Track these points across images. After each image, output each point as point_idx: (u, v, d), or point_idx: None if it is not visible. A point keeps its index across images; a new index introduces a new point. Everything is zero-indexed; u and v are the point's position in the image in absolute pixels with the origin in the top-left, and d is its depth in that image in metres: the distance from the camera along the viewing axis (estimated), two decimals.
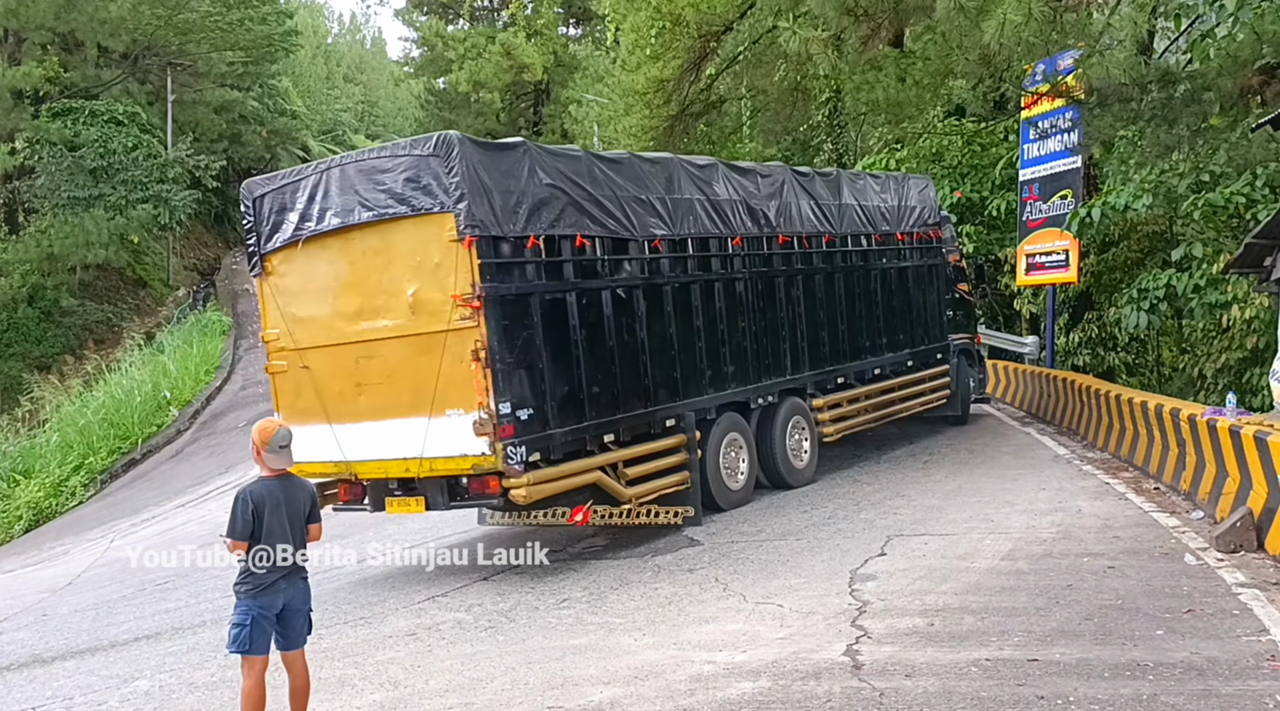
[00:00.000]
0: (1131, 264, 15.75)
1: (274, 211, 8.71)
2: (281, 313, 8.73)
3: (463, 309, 7.75)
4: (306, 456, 8.08)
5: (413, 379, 8.02)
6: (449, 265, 7.78)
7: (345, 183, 8.29)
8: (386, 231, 8.12)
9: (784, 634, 6.59)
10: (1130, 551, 7.90)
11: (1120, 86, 12.87)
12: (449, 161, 7.78)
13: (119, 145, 35.05)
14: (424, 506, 8.37)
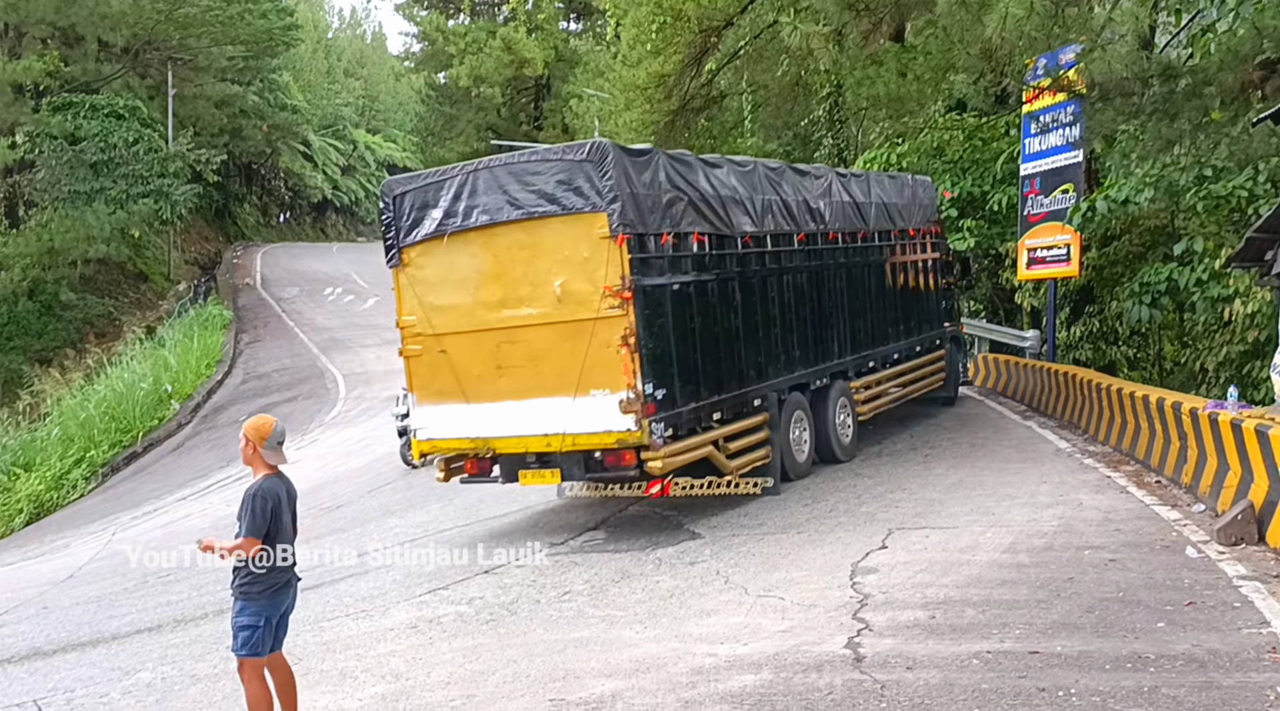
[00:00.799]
0: (1133, 258, 15.72)
1: (415, 208, 9.38)
2: (419, 301, 9.42)
3: (612, 299, 8.55)
4: (443, 433, 9.29)
5: (557, 362, 8.77)
6: (599, 259, 8.59)
7: (494, 183, 9.01)
8: (533, 228, 8.90)
9: (785, 626, 6.60)
10: (1131, 544, 7.91)
11: (1122, 81, 12.85)
12: (603, 166, 8.59)
13: (120, 139, 35.02)
14: (559, 478, 9.15)
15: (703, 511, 10.10)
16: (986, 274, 19.84)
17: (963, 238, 17.78)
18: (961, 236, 17.79)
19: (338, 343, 28.70)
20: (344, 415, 20.18)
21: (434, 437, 9.41)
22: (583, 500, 11.02)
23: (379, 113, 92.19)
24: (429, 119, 62.43)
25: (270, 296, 39.39)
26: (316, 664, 6.80)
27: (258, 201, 68.50)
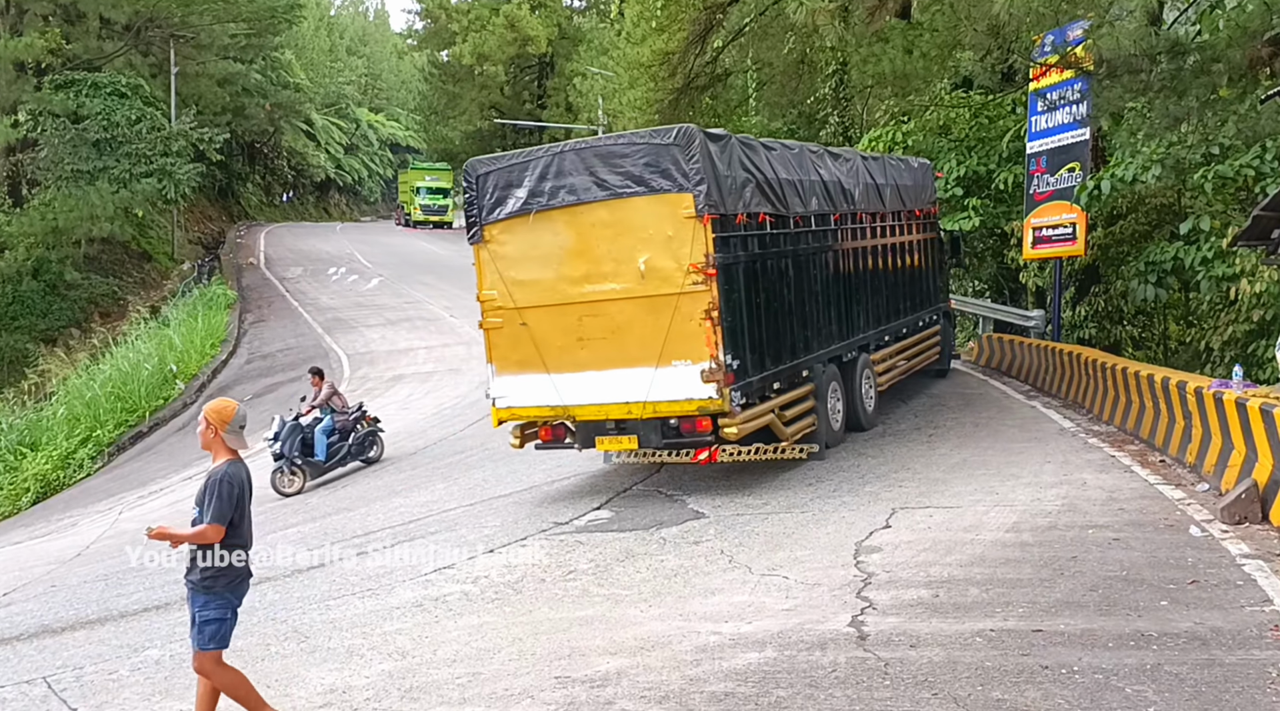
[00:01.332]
0: (1139, 237, 15.65)
1: (498, 188, 9.77)
2: (500, 276, 9.80)
3: (696, 275, 9.06)
4: (524, 401, 9.80)
5: (639, 334, 9.26)
6: (684, 237, 9.07)
7: (579, 164, 9.45)
8: (618, 207, 9.32)
9: (789, 605, 6.63)
10: (1135, 523, 7.92)
11: (1130, 58, 12.74)
12: (689, 150, 9.05)
13: (122, 118, 34.90)
14: (636, 444, 9.58)
15: (706, 491, 10.13)
16: (991, 253, 19.77)
17: (968, 217, 17.70)
18: (967, 215, 17.72)
19: (342, 322, 28.72)
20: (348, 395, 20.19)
21: (513, 405, 9.89)
22: (586, 481, 11.05)
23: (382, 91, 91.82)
24: (432, 97, 62.23)
25: (274, 276, 39.37)
26: (323, 641, 6.85)
27: (261, 181, 68.40)
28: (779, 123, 29.05)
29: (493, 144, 61.04)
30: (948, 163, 18.46)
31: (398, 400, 18.93)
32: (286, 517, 11.35)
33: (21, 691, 6.46)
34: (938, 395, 14.53)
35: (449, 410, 17.05)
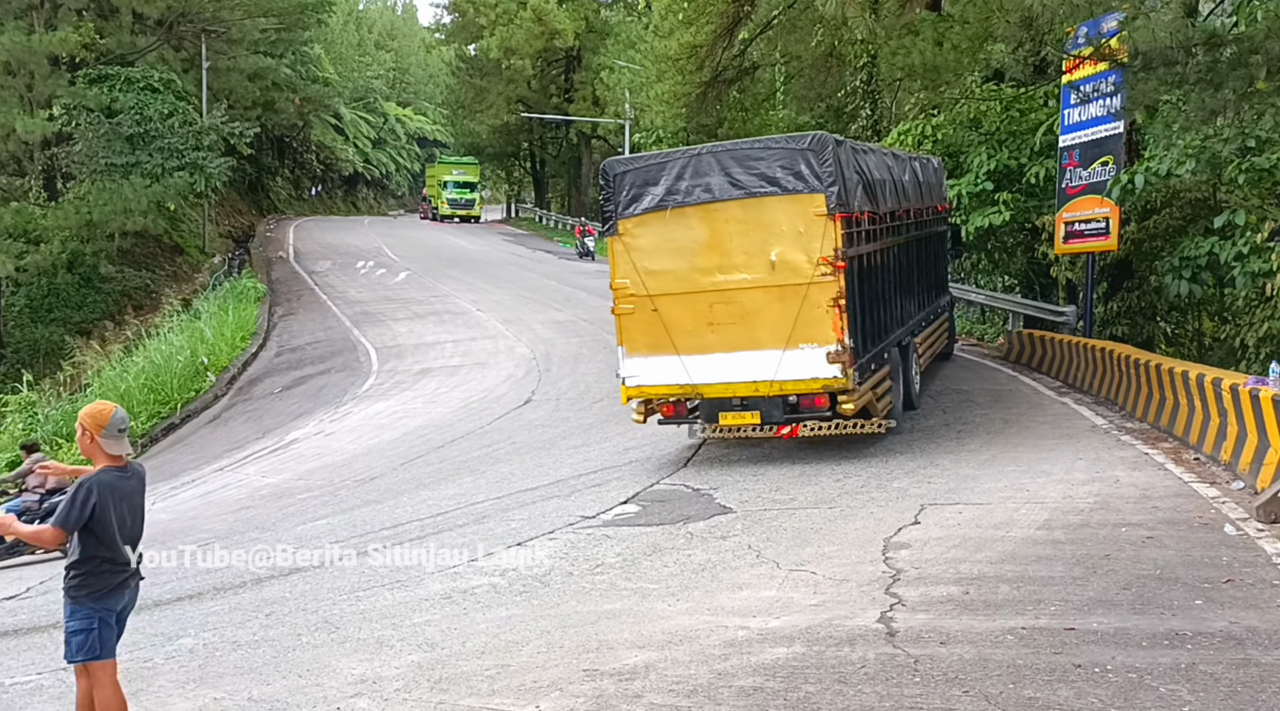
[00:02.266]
0: (1173, 231, 15.43)
1: (635, 185, 10.61)
2: (634, 266, 10.63)
3: (826, 267, 9.97)
4: (653, 380, 10.69)
5: (768, 320, 10.19)
6: (814, 233, 9.99)
7: (715, 165, 10.33)
8: (752, 205, 10.22)
9: (817, 601, 6.61)
10: (1169, 521, 7.83)
11: (1165, 49, 12.53)
12: (823, 155, 9.98)
13: (155, 112, 35.25)
14: (759, 419, 10.48)
15: (734, 486, 10.12)
16: (1022, 248, 19.57)
17: (998, 211, 17.55)
18: (997, 210, 17.56)
19: (370, 316, 28.89)
20: (376, 388, 20.34)
21: (642, 384, 10.77)
22: (614, 475, 11.07)
23: (409, 85, 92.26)
24: (459, 91, 62.42)
25: (303, 270, 39.67)
26: (353, 632, 6.91)
27: (290, 174, 68.96)
28: (807, 116, 28.93)
29: (519, 138, 61.21)
30: (978, 156, 18.29)
31: (425, 393, 19.03)
32: (317, 509, 11.45)
33: (59, 678, 6.56)
34: (966, 391, 14.42)
35: (476, 403, 17.13)
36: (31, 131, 32.47)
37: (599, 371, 18.14)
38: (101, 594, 4.86)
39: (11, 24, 32.76)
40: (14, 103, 32.79)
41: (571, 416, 14.95)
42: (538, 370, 19.14)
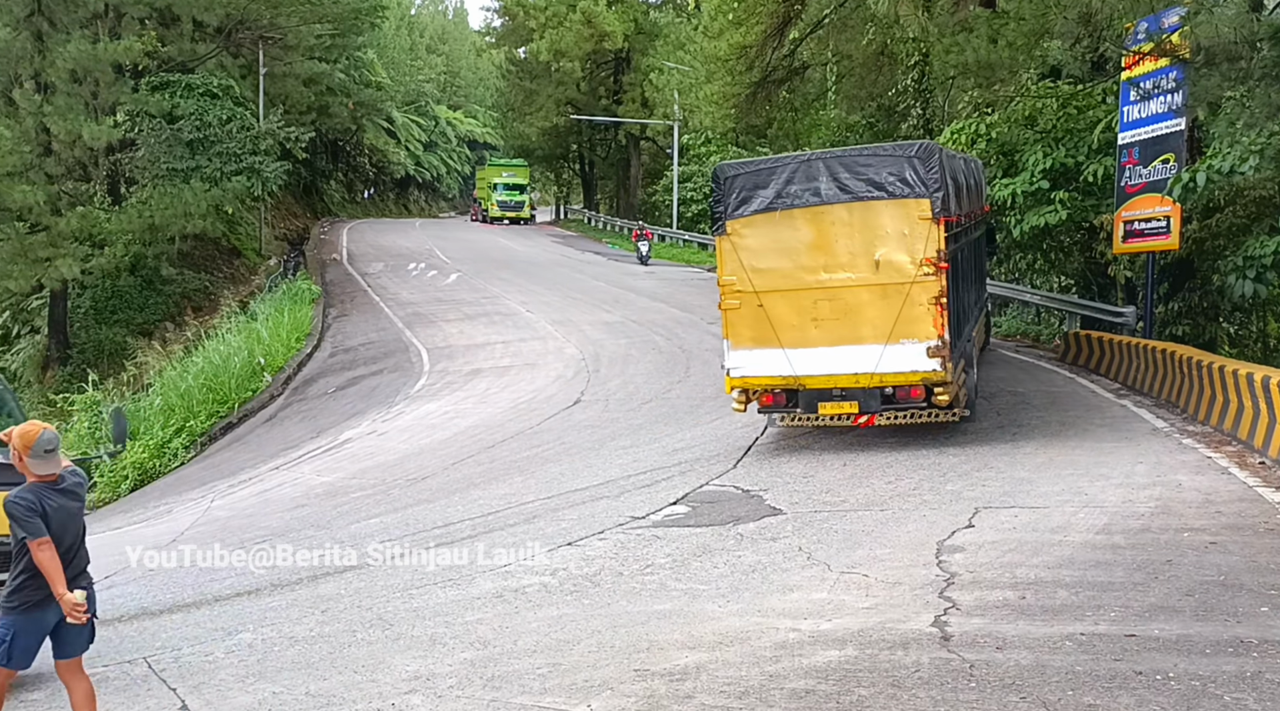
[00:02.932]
0: (1237, 230, 15.04)
1: (745, 188, 11.18)
2: (740, 264, 11.18)
3: (928, 267, 10.57)
4: (757, 372, 11.22)
5: (870, 317, 10.78)
6: (918, 236, 10.59)
7: (825, 171, 10.91)
8: (857, 209, 10.80)
9: (870, 604, 6.55)
10: (1233, 527, 7.64)
11: (1229, 44, 12.27)
12: (930, 162, 10.59)
13: (214, 118, 36.01)
14: (857, 408, 11.03)
15: (784, 487, 10.06)
16: (1079, 247, 19.21)
17: (1055, 210, 17.23)
18: (1054, 209, 17.25)
19: (421, 317, 29.20)
20: (427, 389, 20.55)
21: (746, 375, 11.29)
22: (663, 476, 11.06)
23: (460, 88, 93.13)
24: (509, 94, 62.83)
25: (356, 272, 40.22)
26: (407, 629, 6.99)
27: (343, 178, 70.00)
28: (858, 115, 28.70)
29: (569, 140, 61.43)
30: (1034, 155, 17.98)
31: (475, 393, 19.19)
32: (370, 508, 11.60)
33: (124, 670, 6.73)
34: (1022, 393, 14.19)
35: (525, 404, 17.23)
36: (97, 138, 33.30)
37: (648, 372, 18.15)
38: (31, 606, 4.91)
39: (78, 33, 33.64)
40: (80, 110, 33.65)
41: (620, 417, 14.97)
42: (587, 371, 19.20)
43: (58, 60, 32.63)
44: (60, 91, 33.48)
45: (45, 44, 33.25)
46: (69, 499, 5.11)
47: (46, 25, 33.54)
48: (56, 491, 5.03)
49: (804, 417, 11.41)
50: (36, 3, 32.88)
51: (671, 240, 42.13)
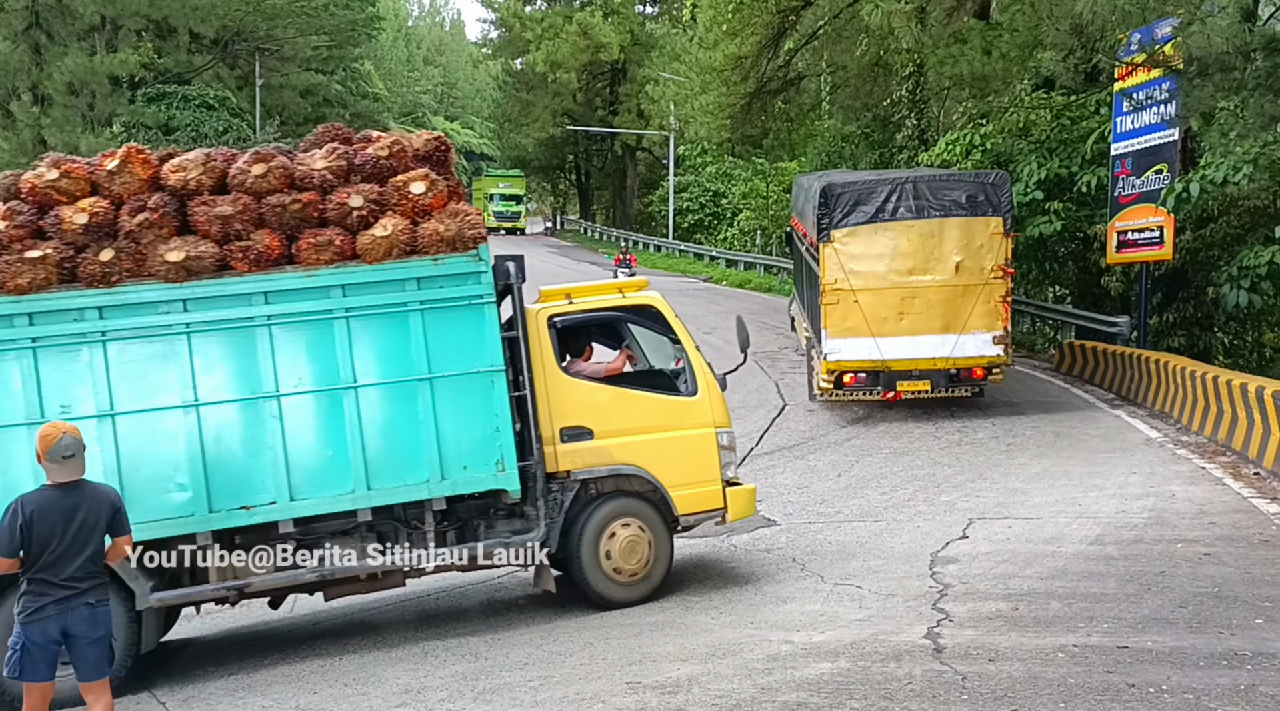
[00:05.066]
0: (1231, 241, 15.07)
1: (849, 204, 13.17)
2: (841, 267, 13.10)
3: (997, 272, 12.95)
4: (850, 356, 13.05)
5: (947, 311, 12.93)
6: (990, 247, 12.98)
7: (917, 191, 13.11)
8: (943, 223, 13.03)
9: (863, 615, 6.53)
10: (1227, 538, 7.62)
11: (1222, 55, 12.31)
12: (1002, 189, 13.20)
13: (211, 129, 36.05)
14: (929, 386, 13.03)
15: (778, 498, 10.05)
16: (1073, 258, 19.24)
17: (1049, 221, 17.26)
18: (1048, 219, 17.28)
19: None
20: None
21: (842, 359, 13.04)
22: None
23: (457, 100, 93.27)
24: (506, 105, 62.91)
25: None
26: (399, 642, 6.95)
27: None
28: (853, 126, 28.73)
29: (565, 151, 61.55)
30: (1028, 165, 18.02)
31: None
32: None
33: None
34: (1016, 404, 14.18)
35: None
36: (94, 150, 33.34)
37: None
38: (27, 617, 4.72)
39: (75, 46, 33.72)
40: (77, 122, 33.71)
41: None
42: None
43: (55, 73, 32.73)
44: (57, 103, 33.56)
45: (43, 56, 33.35)
46: (79, 501, 4.80)
47: (44, 38, 33.64)
48: (64, 498, 4.76)
49: (879, 392, 13.25)
50: (34, 16, 32.96)
51: (668, 250, 42.18)
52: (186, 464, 6.41)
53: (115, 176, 6.59)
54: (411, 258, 6.71)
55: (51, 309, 6.33)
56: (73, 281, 6.41)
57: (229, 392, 6.53)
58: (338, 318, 6.63)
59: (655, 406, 7.48)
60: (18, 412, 6.25)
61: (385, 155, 6.92)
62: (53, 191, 6.54)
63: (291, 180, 6.75)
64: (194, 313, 6.49)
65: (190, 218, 6.60)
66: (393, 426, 6.69)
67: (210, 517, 6.43)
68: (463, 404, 6.75)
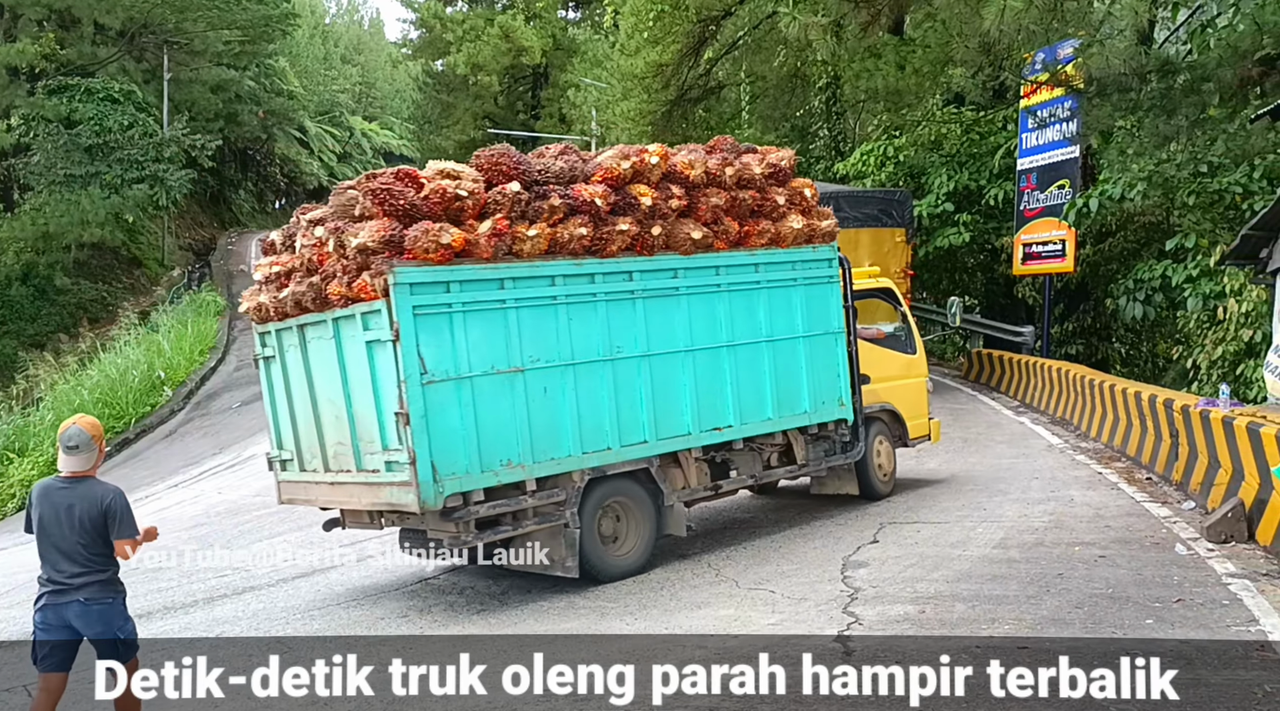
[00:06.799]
0: (1128, 254, 15.75)
1: None
2: None
3: (901, 273, 14.90)
4: None
5: None
6: (896, 253, 15.07)
7: (839, 204, 13.47)
8: (858, 232, 14.44)
9: (775, 619, 6.62)
10: (1121, 541, 7.93)
11: (1120, 76, 12.83)
12: (905, 204, 15.66)
13: (115, 123, 34.83)
14: None
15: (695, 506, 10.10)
16: (982, 269, 19.84)
17: (958, 232, 17.78)
18: (957, 231, 17.79)
19: None
20: None
21: None
22: None
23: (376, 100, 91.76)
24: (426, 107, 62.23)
25: None
26: (306, 653, 6.79)
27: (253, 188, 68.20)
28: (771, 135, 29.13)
29: None
30: (939, 177, 18.54)
31: None
32: (273, 526, 11.28)
33: (2, 700, 6.40)
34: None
35: None
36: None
37: None
38: (35, 602, 4.82)
39: None
40: None
41: None
42: None
43: None
44: None
45: None
46: (73, 498, 4.81)
47: None
48: (62, 490, 4.81)
49: None
50: None
51: None
52: (688, 394, 8.07)
53: (654, 169, 8.01)
54: (805, 245, 8.88)
55: (612, 271, 7.79)
56: (629, 249, 7.87)
57: (706, 341, 8.23)
58: (761, 287, 8.61)
59: (897, 361, 10.21)
60: (598, 350, 7.67)
61: (787, 165, 8.86)
62: (624, 178, 7.89)
63: (739, 180, 8.45)
64: (686, 279, 8.12)
65: (695, 204, 8.17)
66: (788, 371, 8.71)
67: (701, 436, 8.17)
68: (821, 356, 8.96)
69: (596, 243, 7.62)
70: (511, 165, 7.55)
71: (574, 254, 7.56)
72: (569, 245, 7.51)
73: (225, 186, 60.29)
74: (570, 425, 7.34)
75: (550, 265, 7.43)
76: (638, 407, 7.73)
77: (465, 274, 7.03)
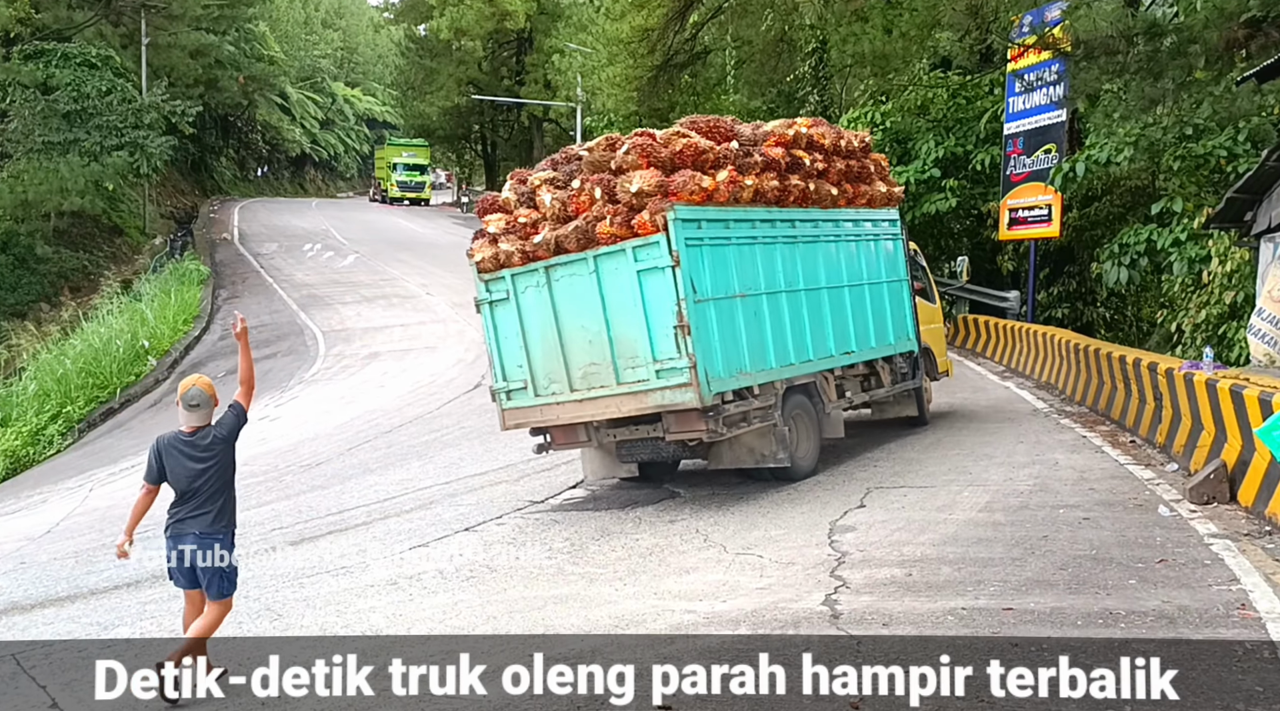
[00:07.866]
0: (1113, 219, 15.77)
1: None
2: None
3: None
4: None
5: None
6: None
7: None
8: None
9: (763, 584, 6.66)
10: (1105, 503, 8.01)
11: (1107, 39, 12.79)
12: None
13: (93, 89, 34.27)
14: None
15: (683, 472, 10.15)
16: (968, 234, 19.85)
17: (945, 198, 17.76)
18: (944, 196, 17.77)
19: (317, 299, 28.48)
20: (323, 372, 20.08)
21: None
22: (563, 460, 11.03)
23: (358, 65, 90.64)
24: (409, 72, 61.52)
25: (248, 252, 38.95)
26: (296, 619, 6.82)
27: (234, 155, 67.47)
28: (758, 101, 28.96)
29: (470, 120, 60.49)
30: (926, 143, 18.48)
31: (374, 378, 18.83)
32: (261, 495, 11.28)
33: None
34: None
35: (425, 388, 16.99)
36: None
37: None
38: (165, 531, 5.57)
39: None
40: None
41: None
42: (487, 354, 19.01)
43: None
44: None
45: None
46: (192, 452, 5.49)
47: None
48: (186, 443, 5.49)
49: None
50: None
51: None
52: (830, 323, 9.74)
53: (803, 138, 9.53)
54: (885, 206, 10.77)
55: (789, 218, 9.45)
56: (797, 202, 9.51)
57: (835, 281, 9.96)
58: (864, 239, 10.47)
59: (926, 308, 11.87)
60: (780, 282, 9.28)
61: (871, 141, 10.76)
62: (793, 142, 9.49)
63: (838, 148, 10.04)
64: (823, 229, 9.88)
65: (826, 169, 9.85)
66: (878, 309, 10.48)
67: (838, 358, 9.87)
68: (895, 298, 10.83)
69: (781, 194, 9.21)
70: (727, 128, 9.10)
71: (767, 203, 9.18)
72: (766, 195, 9.10)
73: (206, 153, 59.62)
74: (771, 343, 9.01)
75: (754, 211, 9.04)
76: (804, 332, 9.41)
77: (711, 213, 8.54)
